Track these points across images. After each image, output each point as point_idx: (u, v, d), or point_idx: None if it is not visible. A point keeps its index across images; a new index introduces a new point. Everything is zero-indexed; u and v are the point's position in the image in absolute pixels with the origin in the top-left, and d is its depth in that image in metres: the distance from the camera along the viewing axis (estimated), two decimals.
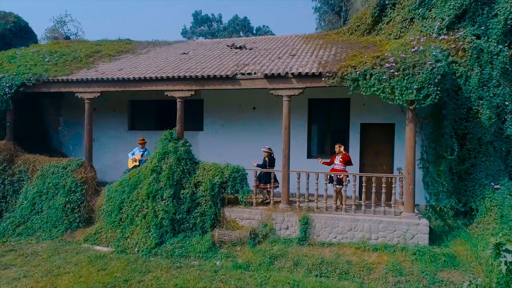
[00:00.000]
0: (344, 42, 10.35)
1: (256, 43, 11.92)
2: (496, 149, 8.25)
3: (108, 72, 9.74)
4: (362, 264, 6.69)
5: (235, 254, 7.22)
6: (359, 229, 7.48)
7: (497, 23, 8.64)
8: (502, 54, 8.53)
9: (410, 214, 7.39)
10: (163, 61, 10.47)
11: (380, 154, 9.65)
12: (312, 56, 9.13)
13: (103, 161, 11.10)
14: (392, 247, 7.14)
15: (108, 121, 11.67)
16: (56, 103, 12.07)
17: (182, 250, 7.44)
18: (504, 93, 8.42)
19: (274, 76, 8.01)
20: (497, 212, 7.59)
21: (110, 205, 8.53)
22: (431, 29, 9.02)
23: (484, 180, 8.07)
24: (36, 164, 9.61)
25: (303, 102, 9.88)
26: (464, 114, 8.36)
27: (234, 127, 10.64)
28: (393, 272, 6.39)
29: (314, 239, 7.60)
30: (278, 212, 7.93)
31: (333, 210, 7.89)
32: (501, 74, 8.48)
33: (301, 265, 6.74)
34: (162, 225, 7.82)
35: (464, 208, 8.38)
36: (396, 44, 8.42)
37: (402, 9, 9.71)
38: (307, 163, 9.71)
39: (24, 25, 15.82)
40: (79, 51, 12.01)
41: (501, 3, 8.67)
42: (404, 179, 7.57)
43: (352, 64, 7.61)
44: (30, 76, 9.77)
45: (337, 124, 10.06)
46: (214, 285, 5.85)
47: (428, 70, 6.99)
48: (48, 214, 8.74)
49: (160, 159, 8.34)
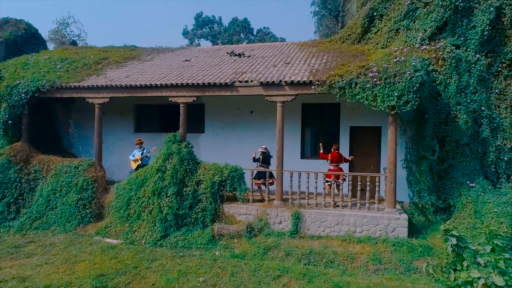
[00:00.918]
0: (335, 51, 11.09)
1: (254, 51, 12.68)
2: (472, 150, 8.99)
3: (116, 79, 10.52)
4: (347, 254, 7.44)
5: (233, 246, 7.98)
6: (345, 223, 8.23)
7: (475, 34, 9.38)
8: (479, 63, 9.27)
9: (391, 210, 8.14)
10: (167, 68, 11.25)
11: (368, 155, 10.39)
12: (304, 65, 9.88)
13: (111, 161, 11.90)
14: (374, 239, 7.88)
15: (115, 123, 12.46)
16: (66, 107, 12.88)
17: (185, 242, 8.21)
18: (480, 99, 9.16)
19: (268, 84, 8.78)
20: (471, 208, 8.33)
21: (119, 202, 9.31)
22: (414, 39, 9.76)
23: (461, 179, 8.80)
24: (50, 164, 10.41)
25: (297, 106, 10.64)
26: (443, 118, 9.10)
27: (233, 130, 11.40)
28: (373, 261, 7.14)
29: (305, 233, 8.35)
30: (272, 208, 8.69)
31: (322, 206, 8.64)
32: (478, 81, 9.23)
33: (292, 255, 7.50)
34: (166, 220, 8.59)
35: (443, 205, 9.10)
36: (381, 54, 9.17)
37: (388, 21, 10.45)
38: (300, 163, 10.48)
39: (34, 32, 16.62)
40: (88, 58, 12.80)
41: (478, 16, 9.41)
42: (387, 178, 8.30)
43: (339, 73, 8.36)
44: (45, 83, 10.57)
45: (329, 127, 10.80)
46: (213, 271, 6.61)
47: (407, 79, 7.73)
48: (62, 210, 9.53)
49: (165, 159, 9.11)
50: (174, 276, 6.36)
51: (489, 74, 9.39)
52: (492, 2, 9.35)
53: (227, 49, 13.47)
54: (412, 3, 9.96)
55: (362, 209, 8.41)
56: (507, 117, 9.23)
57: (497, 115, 9.25)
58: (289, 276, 6.43)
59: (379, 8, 10.69)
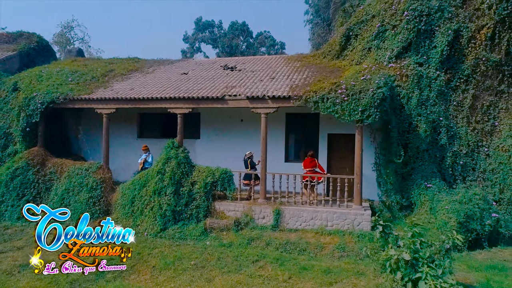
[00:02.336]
0: (317, 66, 12.44)
1: (245, 64, 14.05)
2: (430, 155, 10.32)
3: (122, 91, 11.90)
4: (317, 244, 8.79)
5: (222, 237, 9.34)
6: (318, 218, 9.58)
7: (436, 53, 10.73)
8: (439, 78, 10.62)
9: (357, 207, 9.49)
10: (166, 81, 12.62)
11: (344, 159, 11.73)
12: (287, 80, 11.24)
13: (116, 164, 13.25)
14: (342, 232, 9.23)
15: (120, 130, 13.84)
16: (76, 115, 14.27)
17: (181, 234, 9.57)
18: (439, 110, 10.50)
19: (254, 98, 10.15)
20: (428, 205, 9.67)
21: (124, 200, 10.68)
22: (383, 57, 11.09)
23: (420, 181, 10.12)
24: (63, 167, 11.81)
25: (281, 116, 12.00)
26: (406, 128, 10.43)
27: (225, 136, 12.77)
28: (338, 249, 8.49)
29: (284, 226, 9.71)
30: (257, 206, 10.05)
31: (300, 203, 9.99)
32: (438, 95, 10.57)
33: (271, 245, 8.85)
34: (165, 215, 9.95)
35: (406, 203, 10.42)
36: (352, 71, 10.52)
37: (362, 40, 11.79)
38: (285, 166, 11.79)
39: (45, 44, 18.03)
40: (95, 71, 14.19)
41: (439, 37, 10.75)
42: (354, 179, 9.65)
43: (314, 89, 9.72)
44: (59, 95, 11.96)
45: (309, 134, 12.15)
46: (203, 256, 7.98)
47: (370, 96, 9.08)
48: (74, 207, 10.89)
49: (164, 163, 10.48)
50: (170, 260, 7.74)
51: (448, 88, 10.73)
52: (450, 25, 10.70)
53: (221, 62, 14.85)
54: (382, 25, 11.30)
55: (333, 206, 9.76)
56: (463, 126, 10.57)
57: (454, 124, 10.59)
58: (265, 260, 7.79)
59: (354, 29, 12.03)
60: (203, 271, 7.33)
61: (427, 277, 5.01)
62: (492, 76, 10.64)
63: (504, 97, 10.59)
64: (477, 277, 6.75)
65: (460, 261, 7.69)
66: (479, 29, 10.68)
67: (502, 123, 10.44)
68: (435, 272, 5.09)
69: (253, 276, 7.09)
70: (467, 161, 10.45)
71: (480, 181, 10.35)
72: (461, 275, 6.79)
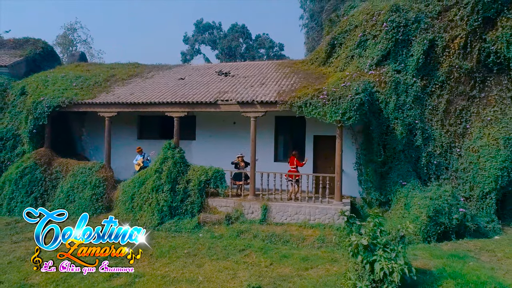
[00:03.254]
0: (304, 72, 13.34)
1: (238, 70, 14.95)
2: (406, 156, 11.20)
3: (123, 96, 12.81)
4: (300, 236, 9.67)
5: (214, 230, 10.24)
6: (302, 213, 10.47)
7: (413, 61, 11.60)
8: (416, 84, 11.49)
9: (338, 203, 10.37)
10: (164, 86, 13.54)
11: (329, 159, 12.60)
12: (276, 86, 12.13)
13: (117, 163, 14.15)
14: (323, 225, 10.11)
15: (121, 131, 14.75)
16: (79, 117, 15.20)
17: (177, 227, 10.47)
18: (415, 114, 11.38)
19: (244, 103, 11.05)
20: (403, 201, 10.54)
21: (125, 197, 11.58)
22: (364, 65, 11.97)
23: (396, 179, 11.00)
24: (68, 166, 12.73)
25: (271, 119, 12.90)
26: (384, 130, 11.30)
27: (219, 137, 13.67)
28: (318, 241, 9.37)
29: (271, 220, 10.60)
30: (246, 202, 10.94)
31: (286, 200, 10.89)
32: (414, 99, 11.44)
33: (258, 237, 9.73)
34: (162, 210, 10.84)
35: (385, 199, 11.29)
36: (335, 78, 11.40)
37: (346, 48, 12.67)
38: (274, 165, 12.70)
39: (50, 49, 19.00)
40: (98, 76, 15.12)
41: (415, 47, 11.63)
42: (335, 178, 10.54)
43: (298, 95, 10.61)
44: (64, 99, 12.89)
45: (297, 136, 13.05)
46: (195, 246, 8.88)
47: (349, 101, 9.96)
48: (79, 203, 11.82)
49: (161, 162, 11.38)
50: (166, 249, 8.64)
51: (424, 94, 11.61)
52: (426, 35, 11.58)
53: (216, 68, 15.76)
54: (363, 35, 12.19)
55: (316, 202, 10.65)
56: (437, 129, 11.45)
57: (429, 127, 11.47)
58: (251, 249, 8.68)
59: (339, 38, 12.92)
60: (194, 258, 8.22)
61: (381, 259, 5.90)
62: (464, 82, 11.52)
63: (476, 102, 11.46)
64: (436, 263, 7.61)
65: (425, 250, 8.56)
66: (452, 39, 11.56)
67: (473, 126, 11.31)
68: (388, 255, 5.97)
69: (239, 262, 7.98)
70: (441, 161, 11.33)
71: (452, 179, 11.22)
72: (422, 262, 7.67)
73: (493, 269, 7.59)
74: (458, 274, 6.94)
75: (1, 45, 18.18)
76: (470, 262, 7.90)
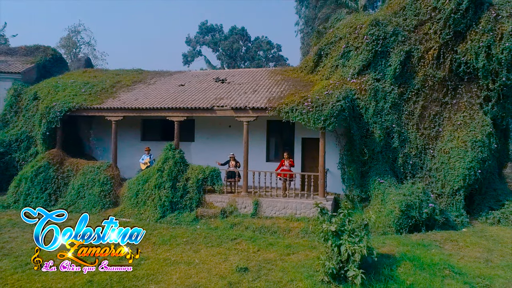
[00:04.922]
0: (294, 79, 14.55)
1: (234, 77, 16.16)
2: (384, 156, 12.39)
3: (128, 101, 14.04)
4: (286, 228, 10.88)
5: (210, 223, 11.45)
6: (289, 207, 11.67)
7: (391, 71, 12.77)
8: (393, 92, 12.67)
9: (321, 199, 11.58)
10: (165, 92, 14.76)
11: (315, 159, 13.74)
12: (267, 93, 13.34)
13: (122, 163, 15.37)
14: (308, 218, 11.32)
15: (126, 133, 15.97)
16: (88, 120, 16.42)
17: (177, 220, 11.68)
18: (392, 118, 12.56)
19: (237, 109, 12.26)
20: (380, 197, 11.72)
21: (130, 193, 12.80)
22: (347, 74, 13.15)
23: (375, 177, 12.18)
24: (79, 165, 13.95)
25: (263, 123, 14.11)
26: (364, 133, 12.49)
27: (216, 139, 14.89)
28: (302, 232, 10.56)
29: (262, 214, 11.80)
30: (239, 198, 12.16)
31: (275, 196, 12.10)
32: (392, 105, 12.62)
33: (249, 228, 10.94)
34: (164, 205, 12.05)
35: (365, 196, 12.48)
36: (320, 86, 12.60)
37: (331, 58, 13.86)
38: (266, 165, 13.91)
39: (59, 56, 20.26)
40: (104, 82, 16.35)
41: (393, 57, 12.80)
42: (319, 176, 11.74)
43: (286, 102, 11.81)
44: (74, 104, 14.13)
45: (287, 138, 14.26)
46: (193, 235, 10.10)
47: (330, 108, 11.15)
48: (88, 199, 13.04)
49: (163, 162, 12.60)
50: (167, 238, 9.86)
51: (401, 100, 12.78)
52: (403, 47, 12.76)
53: (214, 74, 16.98)
54: (347, 47, 13.38)
55: (302, 198, 11.86)
56: (413, 132, 12.62)
57: (405, 130, 12.65)
58: (242, 238, 9.89)
59: (325, 48, 14.12)
60: (192, 245, 9.44)
61: (346, 243, 7.10)
62: (438, 89, 12.69)
63: (448, 108, 12.63)
64: (401, 250, 8.80)
65: (395, 240, 9.74)
66: (427, 50, 12.74)
67: (445, 130, 12.48)
68: (353, 240, 7.17)
69: (230, 249, 9.20)
70: (416, 161, 12.51)
71: (426, 178, 12.40)
72: (389, 248, 8.88)
73: (451, 255, 8.77)
74: (416, 258, 8.16)
75: (14, 52, 19.43)
76: (432, 249, 9.09)
